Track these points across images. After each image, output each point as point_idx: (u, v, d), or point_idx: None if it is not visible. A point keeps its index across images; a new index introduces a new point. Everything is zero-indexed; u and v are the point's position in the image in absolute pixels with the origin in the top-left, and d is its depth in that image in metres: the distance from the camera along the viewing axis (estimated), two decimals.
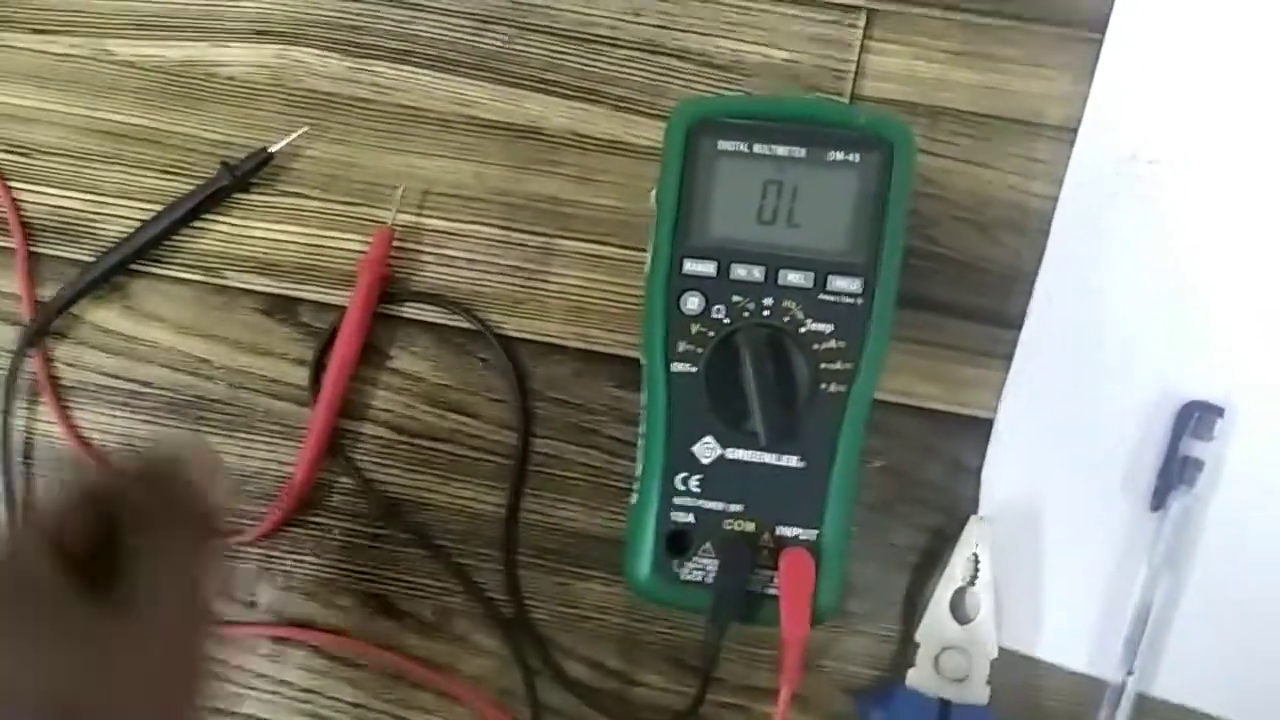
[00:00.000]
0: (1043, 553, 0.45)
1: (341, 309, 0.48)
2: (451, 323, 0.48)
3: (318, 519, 0.48)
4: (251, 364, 0.49)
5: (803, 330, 0.40)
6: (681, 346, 0.40)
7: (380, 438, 0.48)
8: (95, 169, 0.50)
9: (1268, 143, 0.45)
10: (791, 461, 0.40)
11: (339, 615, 0.47)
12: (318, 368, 0.48)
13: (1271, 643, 0.44)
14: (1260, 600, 0.44)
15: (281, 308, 0.49)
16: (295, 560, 0.48)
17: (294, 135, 0.49)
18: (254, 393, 0.49)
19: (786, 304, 0.40)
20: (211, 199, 0.49)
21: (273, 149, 0.48)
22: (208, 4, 0.51)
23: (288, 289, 0.49)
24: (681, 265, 0.40)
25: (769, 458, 0.40)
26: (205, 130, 0.50)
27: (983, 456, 0.45)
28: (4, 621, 0.32)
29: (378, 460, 0.48)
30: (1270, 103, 0.45)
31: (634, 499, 0.42)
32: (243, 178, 0.49)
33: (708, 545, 0.40)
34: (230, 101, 0.50)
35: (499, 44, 0.49)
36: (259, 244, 0.49)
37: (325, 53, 0.50)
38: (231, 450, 0.48)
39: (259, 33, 0.50)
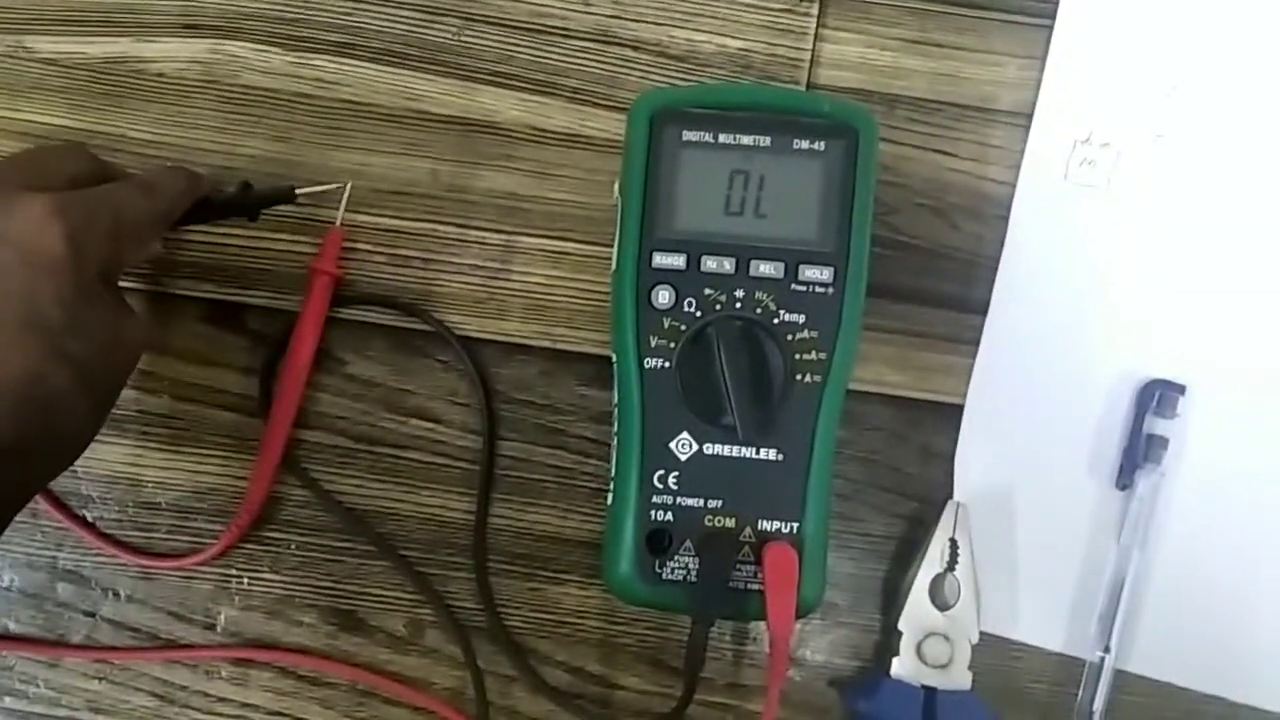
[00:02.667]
0: (1017, 536, 0.45)
1: (291, 314, 0.46)
2: (408, 325, 0.47)
3: (274, 534, 0.46)
4: (197, 375, 0.46)
5: (776, 321, 0.40)
6: (653, 342, 0.40)
7: (338, 447, 0.46)
8: None
9: (1216, 122, 0.46)
10: (770, 455, 0.40)
11: (303, 633, 0.46)
12: (267, 376, 0.46)
13: (1240, 615, 0.45)
14: (1229, 574, 0.45)
15: (226, 315, 0.47)
16: (253, 578, 0.46)
17: (324, 186, 0.46)
18: (201, 405, 0.46)
19: (759, 295, 0.40)
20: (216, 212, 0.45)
21: (300, 191, 0.45)
22: None
23: (232, 295, 0.47)
24: (650, 259, 0.40)
25: (747, 452, 0.40)
26: (134, 130, 0.47)
27: (954, 443, 0.46)
28: None
29: (337, 471, 0.46)
30: (1217, 81, 0.46)
31: (610, 499, 0.41)
32: (256, 208, 0.45)
33: (688, 543, 0.40)
34: (161, 99, 0.48)
35: (447, 36, 0.48)
36: (199, 248, 0.47)
37: (262, 47, 0.48)
38: (180, 466, 0.46)
39: (188, 27, 0.48)
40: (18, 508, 0.38)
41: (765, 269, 0.40)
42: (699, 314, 0.40)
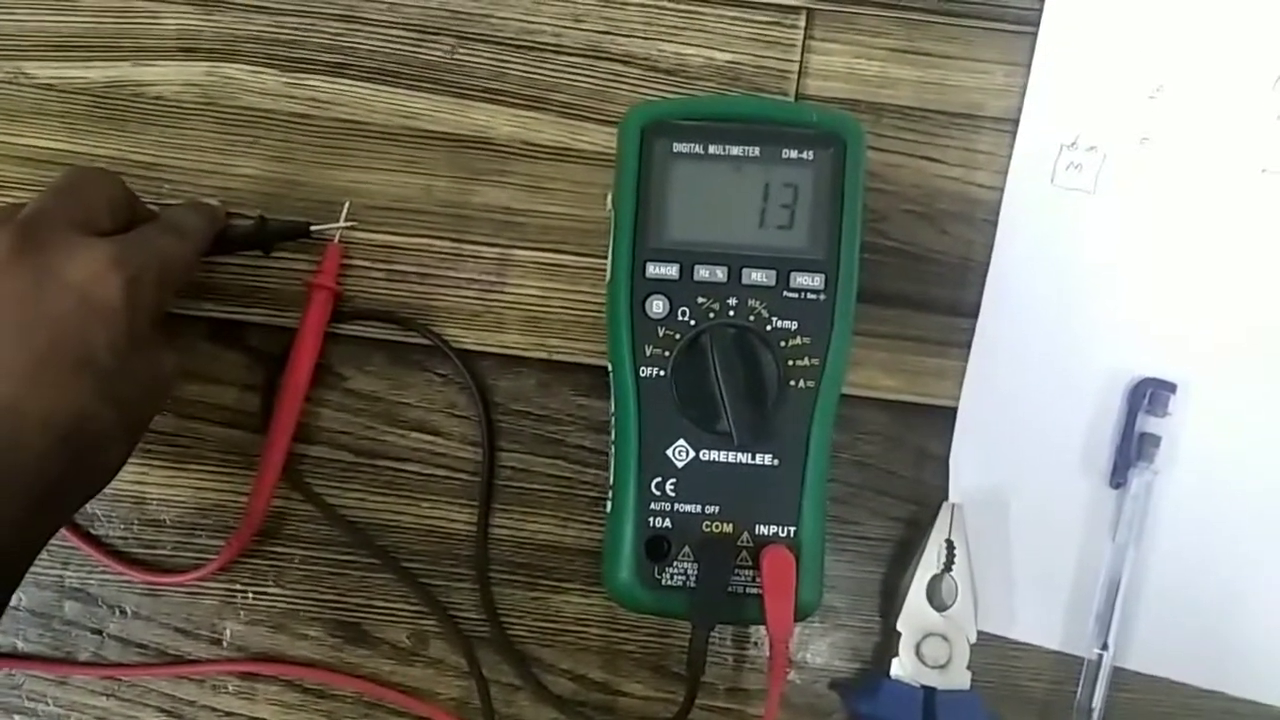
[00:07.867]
0: (1012, 536, 0.45)
1: (291, 331, 0.46)
2: (407, 339, 0.47)
3: (277, 548, 0.46)
4: (200, 392, 0.47)
5: (769, 328, 0.40)
6: (649, 350, 0.40)
7: (340, 461, 0.47)
8: (17, 197, 0.48)
9: (1200, 125, 0.47)
10: (765, 460, 0.40)
11: (309, 646, 0.46)
12: (269, 392, 0.47)
13: (1236, 609, 0.45)
14: (1224, 569, 0.45)
15: (228, 332, 0.47)
16: (257, 592, 0.46)
17: (337, 225, 0.47)
18: (203, 422, 0.47)
19: (751, 303, 0.40)
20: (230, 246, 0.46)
21: (314, 227, 0.46)
22: (125, 23, 0.49)
23: (233, 313, 0.47)
24: (644, 269, 0.40)
25: (743, 457, 0.40)
26: (134, 153, 0.48)
27: (948, 445, 0.46)
28: None
29: (339, 485, 0.47)
30: (1200, 85, 0.47)
31: (609, 507, 0.41)
32: (269, 242, 0.46)
33: (687, 549, 0.40)
34: (160, 122, 0.48)
35: (440, 54, 0.48)
36: (199, 267, 0.47)
37: (259, 69, 0.48)
38: (183, 483, 0.47)
39: (185, 50, 0.49)
40: (48, 539, 0.38)
41: (757, 277, 0.40)
42: (693, 322, 0.40)
